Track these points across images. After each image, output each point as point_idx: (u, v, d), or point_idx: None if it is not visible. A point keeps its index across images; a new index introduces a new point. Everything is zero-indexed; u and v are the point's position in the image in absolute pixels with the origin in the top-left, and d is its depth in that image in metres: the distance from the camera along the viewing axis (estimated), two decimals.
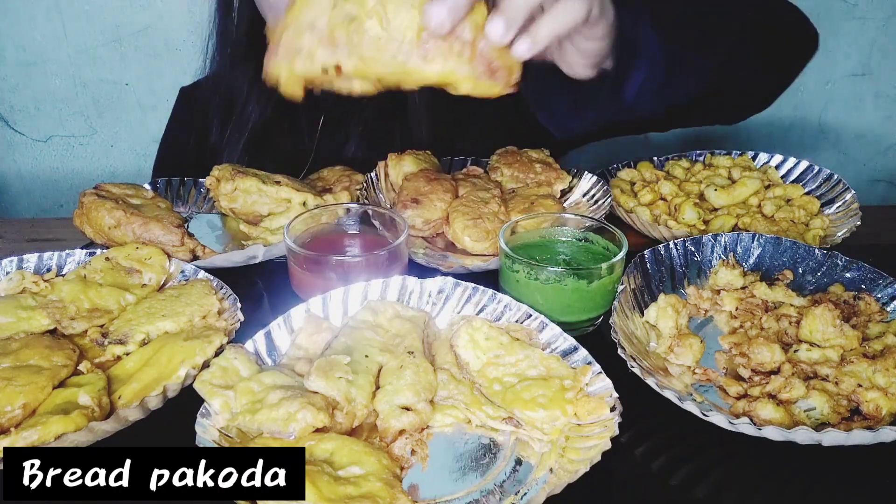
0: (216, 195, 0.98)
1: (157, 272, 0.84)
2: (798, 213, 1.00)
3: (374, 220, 0.89)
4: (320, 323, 0.73)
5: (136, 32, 1.70)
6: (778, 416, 0.63)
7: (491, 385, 0.67)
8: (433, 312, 0.77)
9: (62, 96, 1.76)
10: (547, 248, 0.83)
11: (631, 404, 0.63)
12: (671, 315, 0.76)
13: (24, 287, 0.81)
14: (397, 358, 0.67)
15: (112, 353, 0.72)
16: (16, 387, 0.62)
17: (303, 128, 1.21)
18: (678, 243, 0.86)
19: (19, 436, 0.57)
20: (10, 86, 1.74)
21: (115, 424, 0.61)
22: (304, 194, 0.95)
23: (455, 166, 1.14)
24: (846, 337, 0.71)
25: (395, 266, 0.81)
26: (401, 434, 0.62)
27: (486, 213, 0.93)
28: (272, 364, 0.70)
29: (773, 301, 0.79)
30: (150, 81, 1.76)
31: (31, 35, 1.69)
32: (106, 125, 1.81)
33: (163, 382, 0.65)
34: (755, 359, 0.70)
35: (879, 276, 0.80)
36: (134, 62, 1.73)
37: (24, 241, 1.06)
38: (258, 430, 0.60)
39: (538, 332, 0.73)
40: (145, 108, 1.78)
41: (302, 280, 0.80)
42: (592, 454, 0.58)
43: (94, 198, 0.89)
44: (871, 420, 0.64)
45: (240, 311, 0.76)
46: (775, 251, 0.86)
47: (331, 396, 0.61)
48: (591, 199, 1.04)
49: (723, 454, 0.64)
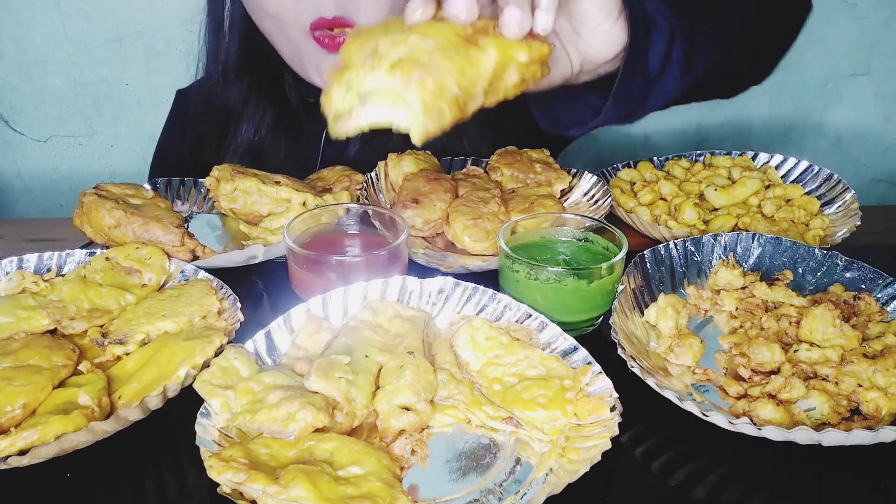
0: (216, 195, 0.98)
1: (157, 272, 0.84)
2: (798, 213, 1.00)
3: (374, 220, 0.89)
4: (320, 323, 0.73)
5: (136, 32, 1.70)
6: (778, 416, 0.63)
7: (491, 385, 0.67)
8: (433, 312, 0.77)
9: (62, 96, 1.76)
10: (547, 248, 0.83)
11: (631, 404, 0.63)
12: (671, 315, 0.76)
13: (24, 287, 0.81)
14: (397, 358, 0.67)
15: (112, 353, 0.72)
16: (16, 387, 0.61)
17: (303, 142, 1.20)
18: (678, 243, 0.86)
19: (19, 436, 0.57)
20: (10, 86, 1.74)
21: (115, 424, 0.61)
22: (304, 194, 0.95)
23: (455, 166, 1.14)
24: (846, 337, 0.71)
25: (395, 266, 0.81)
26: (401, 434, 0.62)
27: (486, 213, 0.93)
28: (272, 364, 0.70)
29: (773, 301, 0.79)
30: (150, 81, 1.75)
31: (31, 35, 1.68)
32: (106, 125, 1.81)
33: (163, 382, 0.65)
34: (755, 359, 0.70)
35: (879, 276, 0.80)
36: (134, 62, 1.73)
37: (24, 241, 1.06)
38: (258, 430, 0.60)
39: (538, 332, 0.73)
40: (145, 108, 1.78)
41: (302, 280, 0.80)
42: (592, 454, 0.58)
43: (94, 198, 0.89)
44: (871, 420, 0.64)
45: (240, 311, 0.76)
46: (775, 251, 0.86)
47: (331, 396, 0.61)
48: (591, 199, 1.04)
49: (723, 454, 0.64)
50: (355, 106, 0.58)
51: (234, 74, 1.15)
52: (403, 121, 0.57)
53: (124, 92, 1.77)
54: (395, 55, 0.57)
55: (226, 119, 1.17)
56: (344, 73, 0.59)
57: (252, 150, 1.16)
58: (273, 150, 1.17)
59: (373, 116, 0.57)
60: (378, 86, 0.57)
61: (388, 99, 0.57)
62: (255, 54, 1.13)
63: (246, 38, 1.12)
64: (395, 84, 0.56)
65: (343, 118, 0.59)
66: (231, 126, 1.17)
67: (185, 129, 1.24)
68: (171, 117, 1.31)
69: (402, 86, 0.55)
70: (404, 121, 0.57)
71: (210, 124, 1.19)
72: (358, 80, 0.57)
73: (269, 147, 1.17)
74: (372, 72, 0.57)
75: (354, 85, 0.58)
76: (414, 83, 0.55)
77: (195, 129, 1.21)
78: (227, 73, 1.15)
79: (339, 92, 0.59)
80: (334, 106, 0.60)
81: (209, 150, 1.18)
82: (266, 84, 1.16)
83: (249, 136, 1.16)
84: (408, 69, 0.55)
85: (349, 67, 0.59)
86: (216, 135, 1.18)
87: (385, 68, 0.56)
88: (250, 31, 1.09)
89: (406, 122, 0.57)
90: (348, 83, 0.58)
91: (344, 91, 0.59)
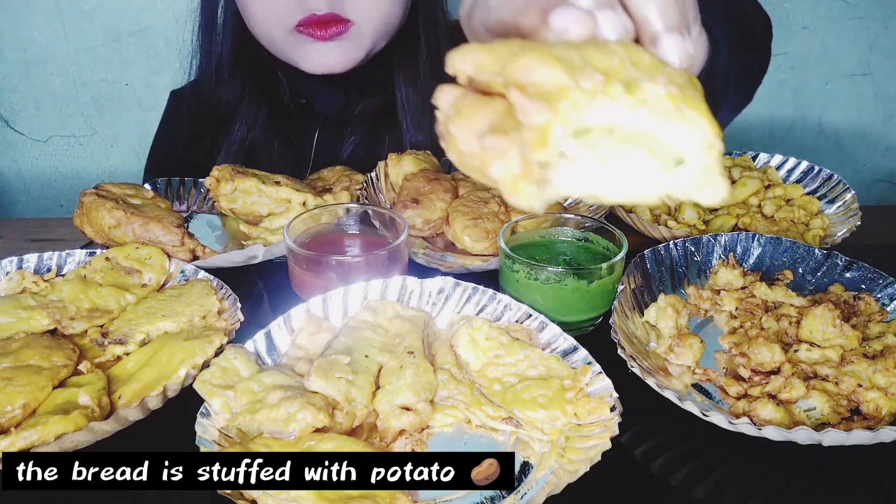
0: (216, 195, 0.98)
1: (157, 272, 0.84)
2: (798, 213, 1.00)
3: (374, 220, 0.89)
4: (320, 323, 0.73)
5: (136, 32, 1.70)
6: (778, 416, 0.63)
7: (491, 385, 0.67)
8: (433, 312, 0.77)
9: (62, 96, 1.76)
10: (547, 248, 0.83)
11: (631, 404, 0.63)
12: (671, 315, 0.76)
13: (24, 287, 0.81)
14: (397, 358, 0.67)
15: (112, 353, 0.72)
16: (16, 387, 0.61)
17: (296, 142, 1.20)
18: (678, 243, 0.86)
19: (19, 436, 0.57)
20: (10, 86, 1.74)
21: (115, 424, 0.61)
22: (304, 194, 0.95)
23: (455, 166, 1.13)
24: (846, 337, 0.71)
25: (395, 266, 0.81)
26: (401, 434, 0.62)
27: (486, 213, 0.93)
28: (272, 364, 0.70)
29: (773, 301, 0.79)
30: (149, 81, 1.76)
31: (31, 35, 1.68)
32: (106, 125, 1.81)
33: (163, 382, 0.65)
34: (755, 359, 0.70)
35: (879, 276, 0.80)
36: (134, 62, 1.73)
37: (24, 241, 1.06)
38: (258, 430, 0.60)
39: (538, 332, 0.73)
40: (145, 108, 1.78)
41: (302, 280, 0.80)
42: (592, 454, 0.58)
43: (94, 198, 0.89)
44: (871, 420, 0.64)
45: (240, 311, 0.76)
46: (775, 251, 0.86)
47: (331, 396, 0.61)
48: None
49: (723, 454, 0.64)
50: (556, 157, 0.35)
51: (227, 72, 1.15)
52: (686, 185, 0.38)
53: (124, 92, 1.77)
54: (626, 72, 0.36)
55: (219, 118, 1.17)
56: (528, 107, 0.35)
57: (245, 150, 1.16)
58: (266, 149, 1.17)
59: (611, 176, 0.37)
60: (616, 119, 0.35)
61: (636, 144, 0.36)
62: (248, 52, 1.13)
63: (239, 36, 1.12)
64: (651, 117, 0.35)
65: (532, 181, 0.35)
66: (224, 125, 1.17)
67: (179, 129, 1.24)
68: (165, 118, 1.31)
69: (668, 120, 0.36)
70: (687, 184, 0.38)
71: (204, 123, 1.19)
72: (574, 112, 0.34)
73: (263, 146, 1.17)
74: (594, 97, 0.35)
75: (568, 119, 0.34)
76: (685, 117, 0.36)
77: (189, 129, 1.21)
78: (221, 70, 1.15)
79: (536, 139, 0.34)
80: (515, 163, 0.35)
81: (203, 150, 1.18)
82: (260, 82, 1.16)
83: (243, 135, 1.16)
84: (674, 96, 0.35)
85: (548, 94, 0.34)
86: (210, 134, 1.18)
87: (618, 91, 0.35)
88: (243, 29, 1.09)
89: (701, 188, 0.38)
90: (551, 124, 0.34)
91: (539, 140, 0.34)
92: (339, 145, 1.18)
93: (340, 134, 1.19)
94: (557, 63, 0.34)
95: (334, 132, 1.19)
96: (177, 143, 1.24)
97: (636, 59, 0.37)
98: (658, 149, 0.37)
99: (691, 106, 0.36)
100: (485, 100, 0.37)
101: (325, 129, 1.20)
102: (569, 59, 0.35)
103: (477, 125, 0.36)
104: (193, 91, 1.22)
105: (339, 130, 1.19)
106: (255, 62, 1.14)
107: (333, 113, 1.19)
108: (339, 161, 1.14)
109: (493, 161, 0.35)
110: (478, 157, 0.36)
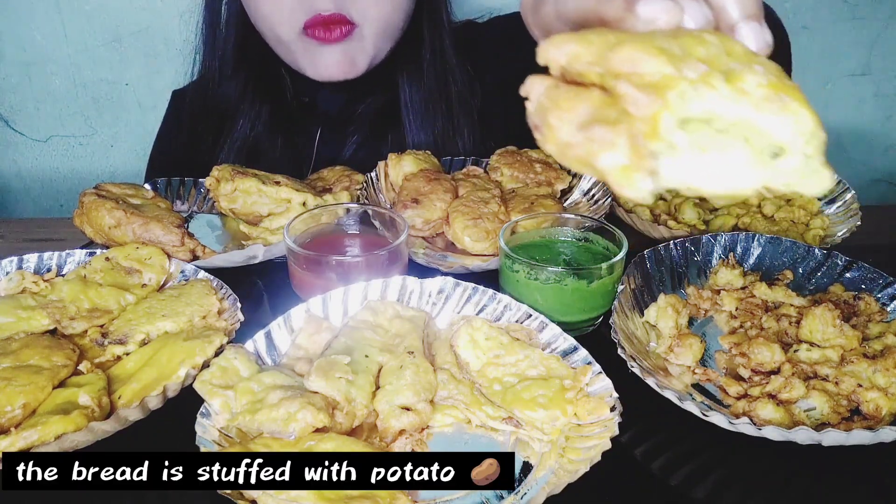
0: (216, 195, 0.98)
1: (157, 272, 0.84)
2: (798, 213, 1.00)
3: (374, 220, 0.89)
4: (320, 323, 0.73)
5: (136, 32, 1.70)
6: (778, 416, 0.63)
7: (491, 385, 0.67)
8: (433, 312, 0.77)
9: (62, 96, 1.76)
10: (547, 248, 0.83)
11: (631, 404, 0.63)
12: (671, 315, 0.76)
13: (24, 287, 0.81)
14: (397, 358, 0.67)
15: (112, 353, 0.72)
16: (16, 387, 0.61)
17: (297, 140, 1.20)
18: (678, 243, 0.86)
19: (19, 436, 0.57)
20: (10, 86, 1.74)
21: (115, 424, 0.61)
22: (304, 194, 0.95)
23: (455, 166, 1.14)
24: (846, 337, 0.71)
25: (395, 266, 0.81)
26: (401, 434, 0.62)
27: (486, 213, 0.93)
28: (272, 364, 0.70)
29: (773, 301, 0.79)
30: (149, 81, 1.75)
31: (31, 35, 1.68)
32: (106, 125, 1.81)
33: (163, 382, 0.65)
34: (755, 359, 0.70)
35: (879, 276, 0.80)
36: (134, 62, 1.73)
37: (24, 241, 1.06)
38: (258, 430, 0.60)
39: (538, 332, 0.73)
40: (145, 108, 1.78)
41: (302, 280, 0.80)
42: (592, 454, 0.58)
43: (94, 198, 0.89)
44: (871, 420, 0.64)
45: (240, 311, 0.76)
46: (775, 251, 0.86)
47: (331, 396, 0.61)
48: (591, 198, 1.04)
49: (723, 454, 0.64)
50: (666, 148, 0.35)
51: (230, 69, 1.15)
52: (790, 176, 0.37)
53: (124, 92, 1.77)
54: (724, 62, 0.36)
55: (222, 116, 1.18)
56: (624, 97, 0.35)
57: (247, 148, 1.16)
58: (268, 148, 1.17)
59: (712, 169, 0.36)
60: (718, 110, 0.35)
61: (733, 135, 0.36)
62: (251, 49, 1.14)
63: (242, 34, 1.12)
64: (753, 107, 0.35)
65: (643, 172, 0.35)
66: (227, 123, 1.17)
67: (181, 128, 1.25)
68: (167, 117, 1.31)
69: (770, 110, 0.35)
70: (791, 176, 0.37)
71: (206, 122, 1.19)
72: (682, 102, 0.34)
73: (265, 145, 1.17)
74: (698, 88, 0.34)
75: (676, 110, 0.34)
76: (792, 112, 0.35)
77: (191, 128, 1.21)
78: (224, 67, 1.15)
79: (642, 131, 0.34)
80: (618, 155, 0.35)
81: (205, 148, 1.18)
82: (262, 80, 1.17)
83: (245, 133, 1.16)
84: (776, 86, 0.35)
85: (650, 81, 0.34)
86: (212, 132, 1.19)
87: (719, 81, 0.35)
88: (247, 27, 1.09)
89: (804, 179, 0.38)
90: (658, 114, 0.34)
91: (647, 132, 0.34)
92: (341, 145, 1.18)
93: (342, 133, 1.19)
94: (662, 54, 0.35)
95: (336, 131, 1.20)
96: (179, 141, 1.24)
97: (730, 49, 0.37)
98: (755, 139, 0.36)
99: (792, 96, 0.35)
100: (580, 90, 0.37)
101: (328, 128, 1.20)
102: (670, 50, 0.35)
103: (577, 116, 0.36)
104: (196, 90, 1.22)
105: (341, 130, 1.19)
106: (259, 60, 1.15)
107: (336, 112, 1.19)
108: (340, 160, 1.14)
109: (601, 152, 0.35)
110: (582, 147, 0.36)
